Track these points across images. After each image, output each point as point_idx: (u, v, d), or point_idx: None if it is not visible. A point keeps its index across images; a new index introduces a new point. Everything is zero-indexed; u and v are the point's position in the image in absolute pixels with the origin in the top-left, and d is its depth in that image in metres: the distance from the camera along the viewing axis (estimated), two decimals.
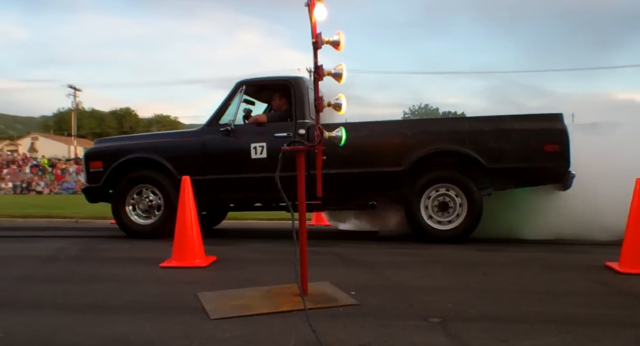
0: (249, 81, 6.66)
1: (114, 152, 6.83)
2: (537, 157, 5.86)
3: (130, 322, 2.93)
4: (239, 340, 2.57)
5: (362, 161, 6.08)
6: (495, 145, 5.94)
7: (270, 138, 6.25)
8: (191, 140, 6.71)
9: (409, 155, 5.99)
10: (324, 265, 4.52)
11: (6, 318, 3.08)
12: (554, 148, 5.81)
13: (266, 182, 5.74)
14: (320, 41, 3.22)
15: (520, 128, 5.97)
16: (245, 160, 6.30)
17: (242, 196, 6.55)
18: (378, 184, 6.10)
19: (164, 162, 6.54)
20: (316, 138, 3.35)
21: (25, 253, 5.56)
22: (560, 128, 5.86)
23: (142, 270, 4.47)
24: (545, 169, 5.85)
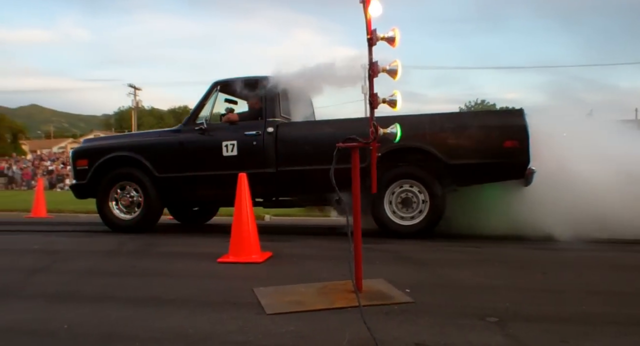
0: (223, 81, 6.95)
1: (98, 151, 7.22)
2: (497, 153, 5.82)
3: (187, 316, 3.00)
4: (294, 335, 2.59)
5: (326, 158, 5.97)
6: (456, 142, 5.97)
7: (241, 136, 6.53)
8: (168, 139, 7.02)
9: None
10: (379, 262, 4.50)
11: (71, 310, 3.20)
12: (513, 144, 5.79)
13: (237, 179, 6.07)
14: (375, 38, 3.20)
15: (480, 125, 5.98)
16: (218, 157, 6.57)
17: (216, 192, 6.71)
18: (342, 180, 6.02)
19: (142, 160, 6.87)
20: (371, 135, 3.34)
21: (88, 248, 5.76)
22: (520, 124, 5.83)
23: (200, 264, 4.56)
24: (505, 165, 5.83)
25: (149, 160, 6.87)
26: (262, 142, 6.49)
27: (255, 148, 6.50)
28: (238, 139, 6.55)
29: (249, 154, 6.51)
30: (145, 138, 7.52)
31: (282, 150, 6.46)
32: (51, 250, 5.58)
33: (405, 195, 6.09)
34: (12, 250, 5.73)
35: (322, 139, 6.21)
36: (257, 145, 6.50)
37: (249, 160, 6.47)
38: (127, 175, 6.98)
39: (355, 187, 3.36)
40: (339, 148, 3.39)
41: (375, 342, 2.39)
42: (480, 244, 5.59)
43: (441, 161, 5.93)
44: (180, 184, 6.80)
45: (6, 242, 6.33)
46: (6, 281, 4.04)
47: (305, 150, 6.34)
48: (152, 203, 6.90)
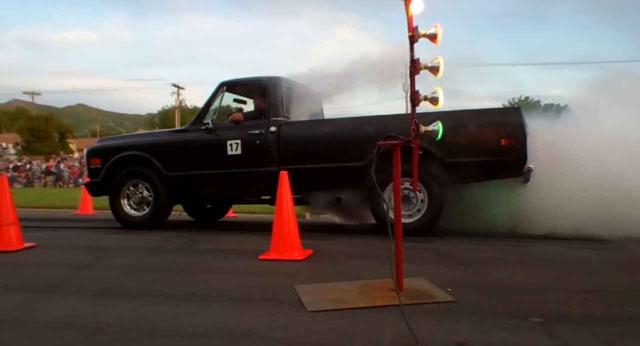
0: (229, 82, 7.16)
1: (110, 150, 7.50)
2: (494, 151, 5.81)
3: (229, 312, 3.03)
4: (334, 333, 2.59)
5: (328, 156, 6.35)
6: (453, 140, 5.89)
7: (245, 135, 6.69)
8: (176, 139, 7.24)
9: (371, 150, 5.82)
10: (420, 260, 4.47)
11: (116, 305, 3.28)
12: (510, 142, 5.77)
13: (241, 177, 6.65)
14: (417, 35, 3.18)
15: (477, 123, 5.98)
16: (222, 156, 6.74)
17: (221, 190, 6.95)
18: (343, 178, 6.26)
19: (152, 159, 7.12)
20: (412, 133, 3.31)
21: (133, 244, 5.87)
22: (517, 122, 5.83)
23: (242, 262, 4.60)
24: (502, 163, 5.81)
25: (157, 159, 7.11)
26: (265, 141, 6.63)
27: (259, 147, 6.64)
28: (242, 138, 6.71)
29: (252, 153, 6.67)
30: (154, 138, 7.74)
31: (284, 149, 6.59)
32: (97, 246, 5.72)
33: (405, 193, 6.05)
34: (60, 246, 5.89)
35: (322, 138, 6.46)
36: (260, 144, 6.64)
37: (252, 159, 6.66)
38: (138, 174, 7.25)
39: (397, 186, 3.34)
40: (378, 146, 3.37)
41: (416, 341, 2.38)
42: (523, 243, 5.50)
43: (439, 159, 5.94)
44: (188, 182, 7.02)
45: (55, 238, 6.51)
46: (55, 277, 4.16)
47: (307, 149, 6.50)
48: (161, 201, 7.15)
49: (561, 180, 5.80)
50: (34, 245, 5.62)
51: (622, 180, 5.57)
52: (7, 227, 5.43)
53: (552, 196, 5.76)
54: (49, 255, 5.33)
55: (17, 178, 31.71)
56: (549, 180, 5.87)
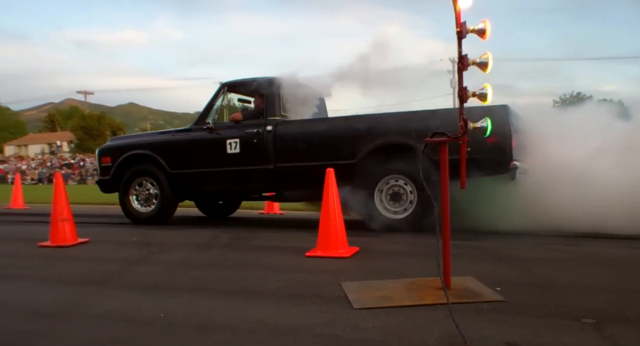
0: (230, 83, 7.45)
1: (119, 149, 7.87)
2: (480, 149, 5.55)
3: (277, 308, 3.06)
4: (381, 331, 2.59)
5: (321, 155, 6.53)
6: None
7: (243, 134, 6.93)
8: (180, 138, 7.55)
9: (362, 148, 6.35)
10: (468, 259, 4.42)
11: (167, 299, 3.35)
12: (495, 140, 5.63)
13: (239, 175, 6.93)
14: (465, 30, 3.14)
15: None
16: (222, 154, 6.99)
17: (221, 187, 7.28)
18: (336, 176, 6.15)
19: (157, 157, 7.43)
20: (460, 130, 3.27)
21: (183, 240, 5.98)
22: (502, 120, 5.78)
23: (289, 258, 4.63)
24: (488, 161, 5.73)
25: (162, 157, 7.41)
26: (262, 140, 6.84)
27: (256, 146, 6.86)
28: (240, 137, 6.94)
29: (250, 151, 6.90)
30: (160, 137, 8.04)
31: (280, 148, 6.79)
32: (148, 242, 5.85)
33: (396, 190, 6.28)
34: (112, 242, 6.05)
35: (316, 137, 6.69)
36: (257, 142, 6.86)
37: (250, 157, 6.90)
38: (145, 171, 7.56)
39: (444, 183, 3.31)
40: (426, 143, 3.34)
41: (464, 340, 2.36)
42: (574, 242, 5.36)
43: (427, 157, 5.66)
44: (190, 179, 7.29)
45: (107, 234, 6.68)
46: (107, 271, 4.28)
47: (301, 147, 6.73)
48: (167, 198, 7.46)
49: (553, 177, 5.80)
50: (88, 240, 5.79)
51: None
52: (62, 222, 5.61)
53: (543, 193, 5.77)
54: (102, 250, 5.48)
55: (70, 176, 32.67)
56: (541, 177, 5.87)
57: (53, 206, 5.68)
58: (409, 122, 6.28)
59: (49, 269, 4.53)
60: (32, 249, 5.47)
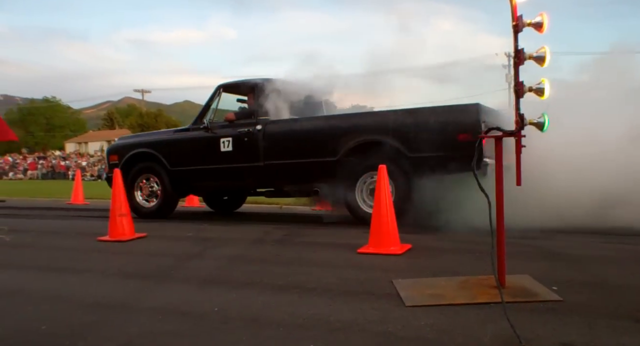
0: (225, 84, 7.82)
1: (125, 147, 8.43)
2: (452, 147, 6.00)
3: (329, 304, 3.07)
4: (433, 329, 2.57)
5: (305, 152, 6.90)
6: (415, 136, 6.23)
7: (235, 133, 7.31)
8: (179, 137, 8.03)
9: (342, 146, 6.61)
10: (523, 257, 4.33)
11: (221, 294, 3.41)
12: (467, 138, 5.88)
13: (232, 172, 7.32)
14: (521, 24, 3.07)
15: (437, 120, 6.23)
16: (216, 153, 7.40)
17: (216, 184, 7.74)
18: (319, 172, 6.78)
19: (158, 155, 7.92)
20: (516, 125, 3.20)
21: (236, 236, 6.06)
22: (473, 118, 6.00)
23: (341, 255, 4.64)
24: (460, 158, 5.75)
25: (163, 155, 7.90)
26: (252, 139, 7.20)
27: (247, 144, 7.24)
28: (233, 136, 7.32)
29: (241, 149, 7.28)
30: (161, 137, 8.58)
31: (268, 146, 7.14)
32: (203, 237, 5.96)
33: (372, 187, 6.38)
34: (168, 237, 6.18)
35: (301, 136, 7.04)
36: (248, 141, 7.22)
37: (241, 155, 7.28)
38: (148, 169, 8.08)
39: (499, 180, 3.24)
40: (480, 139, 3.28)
41: (519, 340, 2.31)
42: (635, 241, 5.18)
43: (403, 154, 6.26)
44: (188, 176, 7.77)
45: (163, 229, 6.83)
46: (164, 265, 4.38)
47: (287, 145, 7.07)
48: (168, 193, 7.97)
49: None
50: (145, 235, 5.94)
51: None
52: (120, 217, 5.78)
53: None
54: (158, 244, 5.62)
55: None
56: None
57: (112, 202, 5.86)
58: (386, 121, 6.56)
59: (108, 262, 4.67)
60: (91, 243, 5.66)
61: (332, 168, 6.63)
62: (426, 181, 6.09)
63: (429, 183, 6.07)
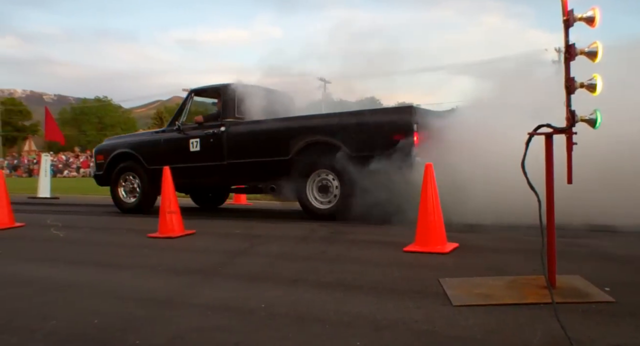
0: (196, 89, 8.55)
1: (109, 148, 9.22)
2: (388, 146, 6.45)
3: (374, 302, 3.07)
4: (481, 329, 2.53)
5: (262, 152, 7.48)
6: (357, 136, 6.77)
7: (202, 134, 7.96)
8: (155, 138, 8.78)
9: (294, 146, 7.15)
10: (575, 257, 4.22)
11: (267, 290, 3.44)
12: (400, 138, 6.40)
13: (200, 170, 7.95)
14: (572, 18, 3.00)
15: (375, 121, 6.81)
16: (186, 152, 8.08)
17: (188, 181, 8.20)
18: (274, 171, 7.34)
19: (137, 155, 8.64)
20: (567, 122, 3.13)
21: (283, 233, 6.11)
22: (407, 119, 6.49)
23: (387, 253, 4.62)
24: (395, 156, 6.32)
25: (141, 155, 8.62)
26: (217, 139, 7.82)
27: (212, 144, 7.86)
28: (200, 137, 7.97)
29: (207, 149, 7.92)
30: (140, 138, 9.31)
31: (231, 146, 7.74)
32: (250, 234, 6.02)
33: (323, 183, 7.10)
34: (217, 233, 6.27)
35: (258, 136, 7.59)
36: (213, 141, 7.85)
37: (208, 155, 7.91)
38: (129, 168, 8.80)
39: (549, 178, 3.17)
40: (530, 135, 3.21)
41: (570, 342, 2.26)
42: None
43: (347, 153, 6.75)
44: None
45: (212, 226, 6.94)
46: (212, 262, 4.45)
47: (247, 145, 7.65)
48: (147, 190, 8.63)
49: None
50: (194, 232, 6.05)
51: None
52: (169, 214, 5.90)
53: None
54: (207, 241, 5.71)
55: None
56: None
57: (161, 199, 5.99)
58: (331, 122, 7.06)
59: (158, 259, 4.77)
60: (142, 239, 5.79)
61: (285, 166, 7.20)
62: (368, 177, 6.47)
63: (370, 179, 6.45)
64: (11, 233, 6.81)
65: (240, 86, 7.94)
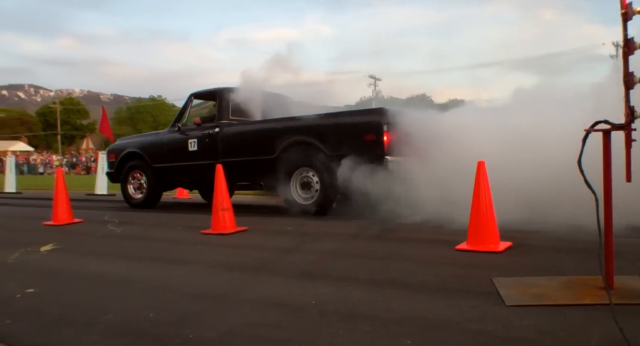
0: (195, 93, 9.08)
1: (120, 148, 9.96)
2: (360, 145, 6.93)
3: (425, 300, 3.05)
4: (535, 330, 2.49)
5: (252, 151, 8.07)
6: (334, 136, 7.24)
7: (199, 135, 8.60)
8: (159, 138, 9.46)
9: (278, 145, 7.68)
10: (634, 257, 4.09)
11: (318, 287, 3.46)
12: (371, 138, 6.86)
13: (197, 168, 8.56)
14: (631, 12, 2.90)
15: (349, 122, 7.29)
16: (185, 152, 8.74)
17: (186, 178, 9.15)
18: (262, 168, 7.88)
19: (143, 154, 9.36)
20: (625, 118, 3.03)
21: (333, 230, 6.12)
22: (376, 120, 6.88)
23: (438, 251, 4.59)
24: (367, 155, 6.79)
25: (147, 154, 9.34)
26: (212, 140, 8.44)
27: (208, 144, 8.49)
28: (198, 137, 8.61)
29: (204, 149, 8.54)
30: (146, 138, 9.98)
31: (224, 146, 8.34)
32: (301, 231, 6.06)
33: (305, 180, 7.54)
34: (268, 230, 6.34)
35: (247, 137, 8.22)
36: (209, 141, 8.48)
37: (204, 154, 8.51)
38: (137, 166, 9.48)
39: (607, 176, 3.08)
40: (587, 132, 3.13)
41: (628, 344, 2.20)
42: None
43: (324, 152, 7.23)
44: (165, 172, 9.13)
45: (264, 223, 7.01)
46: (263, 258, 4.50)
47: (238, 145, 8.24)
48: (152, 187, 9.36)
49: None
50: (246, 228, 6.13)
51: None
52: (222, 212, 6.00)
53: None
54: (259, 238, 5.78)
55: None
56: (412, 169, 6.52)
57: (214, 196, 6.09)
58: (311, 123, 7.43)
59: (211, 255, 4.85)
60: (195, 236, 5.91)
61: (272, 164, 7.72)
62: (344, 175, 6.84)
63: (346, 176, 6.81)
64: (70, 229, 7.06)
65: (235, 89, 8.59)
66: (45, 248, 5.42)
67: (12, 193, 15.81)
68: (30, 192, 16.14)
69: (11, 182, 16.50)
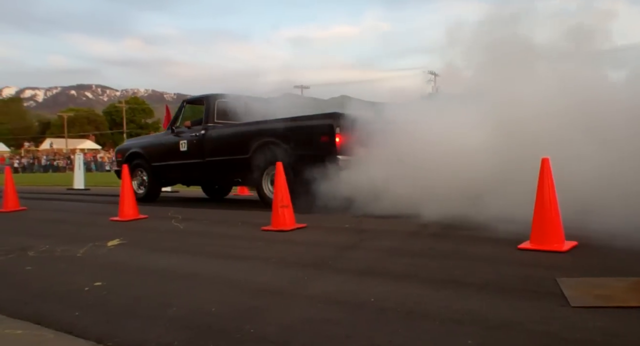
0: (188, 99, 10.37)
1: (126, 148, 11.20)
2: (317, 146, 7.71)
3: (486, 300, 3.01)
4: (602, 332, 2.41)
5: (230, 151, 8.88)
6: (296, 138, 7.98)
7: (189, 137, 9.56)
8: (156, 139, 10.70)
9: (251, 146, 8.47)
10: None
11: (377, 285, 3.46)
12: (325, 139, 7.61)
13: (187, 167, 9.62)
14: None
15: (308, 125, 7.93)
16: (177, 152, 9.71)
17: (179, 176, 10.20)
18: (239, 167, 8.71)
19: (144, 154, 10.48)
20: None
21: (392, 228, 6.08)
22: (329, 124, 7.59)
23: (500, 250, 4.50)
24: (323, 155, 7.52)
25: (147, 154, 10.43)
26: (199, 141, 9.37)
27: (195, 145, 9.43)
28: (188, 139, 9.57)
29: (192, 149, 9.50)
30: (147, 139, 11.31)
31: (207, 146, 9.24)
32: (360, 228, 6.06)
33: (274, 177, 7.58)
34: (327, 228, 6.35)
35: (226, 138, 9.07)
36: (196, 143, 9.42)
37: (192, 154, 9.49)
38: (139, 165, 10.53)
39: None
40: None
41: None
42: None
43: (288, 152, 7.91)
44: (161, 170, 10.18)
45: (322, 220, 7.02)
46: (322, 255, 4.53)
47: (218, 146, 9.09)
48: (151, 183, 10.47)
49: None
50: (305, 225, 6.17)
51: None
52: (282, 209, 6.07)
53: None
54: (318, 235, 5.81)
55: None
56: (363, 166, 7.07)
57: (274, 193, 6.17)
58: (277, 126, 8.14)
59: (271, 251, 4.91)
60: (256, 232, 6.00)
61: (247, 163, 8.47)
62: (305, 172, 7.37)
63: (307, 174, 7.32)
64: (136, 225, 7.29)
65: (221, 96, 9.60)
66: (112, 243, 5.62)
67: (81, 190, 16.45)
68: (97, 189, 16.73)
69: (80, 178, 17.20)
